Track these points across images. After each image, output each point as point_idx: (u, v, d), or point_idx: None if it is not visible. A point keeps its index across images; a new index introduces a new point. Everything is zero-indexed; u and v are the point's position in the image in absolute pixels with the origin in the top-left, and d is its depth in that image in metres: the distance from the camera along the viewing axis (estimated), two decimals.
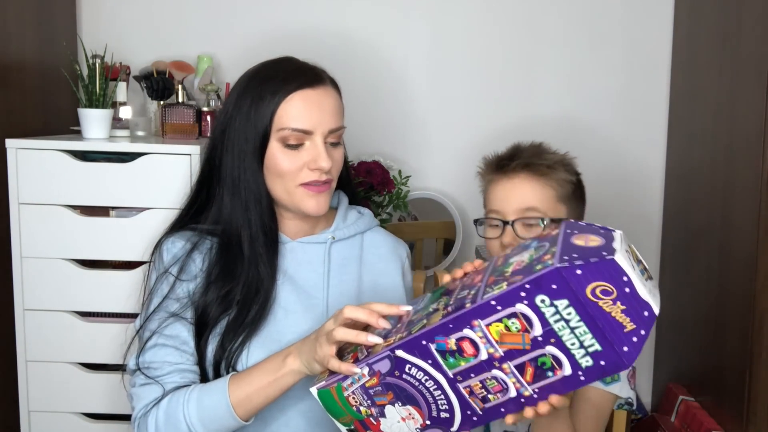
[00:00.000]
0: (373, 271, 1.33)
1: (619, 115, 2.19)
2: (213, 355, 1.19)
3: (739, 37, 1.69)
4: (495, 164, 1.31)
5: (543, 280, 0.80)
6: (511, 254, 0.94)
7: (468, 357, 0.88)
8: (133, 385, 1.20)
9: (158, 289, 1.22)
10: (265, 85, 1.21)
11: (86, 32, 2.12)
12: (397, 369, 0.93)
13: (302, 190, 1.21)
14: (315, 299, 1.26)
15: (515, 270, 0.86)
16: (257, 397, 1.11)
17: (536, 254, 0.86)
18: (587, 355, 0.83)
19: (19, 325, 1.58)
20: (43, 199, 1.55)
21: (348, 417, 0.99)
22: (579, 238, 0.86)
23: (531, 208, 1.24)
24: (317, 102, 1.20)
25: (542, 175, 1.26)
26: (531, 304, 0.82)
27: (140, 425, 1.17)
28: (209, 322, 1.19)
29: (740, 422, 1.61)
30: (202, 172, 1.29)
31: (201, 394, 1.13)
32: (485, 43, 2.18)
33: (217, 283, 1.20)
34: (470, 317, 0.85)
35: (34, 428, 1.61)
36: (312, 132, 1.19)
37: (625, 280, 0.79)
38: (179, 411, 1.13)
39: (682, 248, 2.05)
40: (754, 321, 1.56)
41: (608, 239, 0.85)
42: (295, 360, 1.09)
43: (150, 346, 1.19)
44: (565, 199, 1.27)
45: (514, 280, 0.83)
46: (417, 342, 0.90)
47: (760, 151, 1.54)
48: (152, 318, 1.20)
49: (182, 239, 1.24)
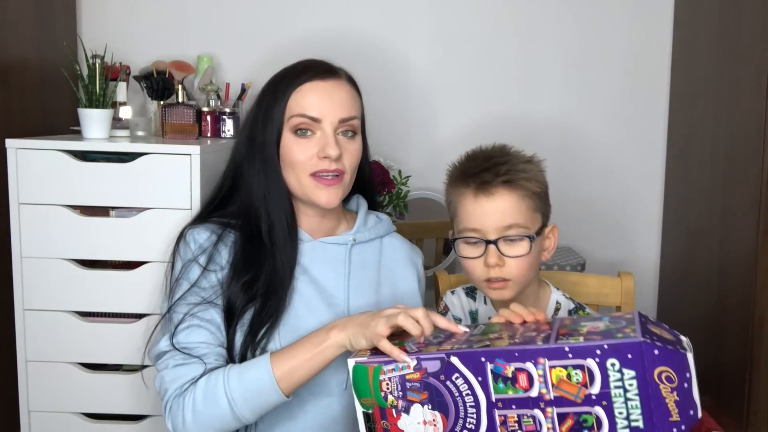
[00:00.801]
0: (392, 276, 1.37)
1: (619, 115, 2.19)
2: (241, 343, 1.20)
3: (739, 37, 1.69)
4: (468, 177, 1.22)
5: (623, 346, 0.86)
6: (578, 319, 1.00)
7: (518, 389, 0.91)
8: (165, 367, 1.19)
9: (186, 276, 1.24)
10: (281, 81, 1.27)
11: (86, 32, 2.12)
12: (444, 373, 0.95)
13: (312, 182, 1.24)
14: (335, 298, 1.28)
15: (591, 331, 0.92)
16: (300, 370, 1.13)
17: (613, 326, 0.92)
18: (628, 427, 0.87)
19: (19, 325, 1.58)
20: (43, 199, 1.55)
21: (372, 400, 1.00)
22: (654, 327, 0.92)
23: (512, 225, 1.19)
24: (327, 92, 1.24)
25: (521, 188, 1.20)
26: (601, 364, 0.87)
27: (174, 407, 1.15)
28: (236, 312, 1.21)
29: (740, 422, 1.61)
30: (227, 168, 1.34)
31: (242, 370, 1.14)
32: (485, 43, 2.18)
33: (241, 273, 1.23)
34: (538, 354, 0.89)
35: (34, 428, 1.61)
36: (320, 120, 1.23)
37: (687, 376, 0.86)
38: (219, 387, 1.12)
39: (682, 248, 2.05)
40: (754, 321, 1.57)
41: (677, 338, 0.91)
42: (339, 333, 1.11)
43: (184, 328, 1.19)
44: (539, 206, 1.23)
45: (592, 338, 0.89)
46: (476, 357, 0.93)
47: (760, 151, 1.54)
48: (181, 303, 1.21)
49: (207, 231, 1.27)
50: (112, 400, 1.61)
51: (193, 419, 1.13)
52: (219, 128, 1.89)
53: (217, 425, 1.13)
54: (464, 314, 1.35)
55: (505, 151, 1.26)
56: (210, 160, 1.59)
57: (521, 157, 1.24)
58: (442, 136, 2.21)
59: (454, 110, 2.20)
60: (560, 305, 1.30)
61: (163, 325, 1.24)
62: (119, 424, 1.63)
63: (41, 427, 1.61)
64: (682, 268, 2.04)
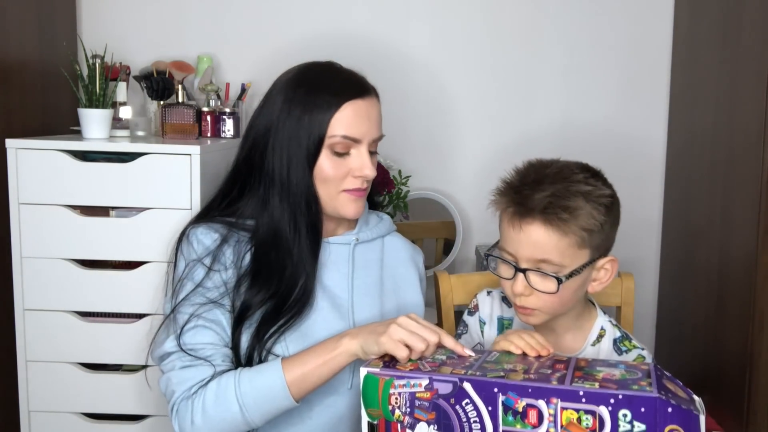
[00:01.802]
0: (394, 275, 1.37)
1: (620, 115, 2.19)
2: (247, 344, 1.20)
3: (739, 37, 1.69)
4: (512, 195, 1.13)
5: (637, 399, 0.86)
6: (594, 361, 0.99)
7: (527, 424, 0.91)
8: (172, 369, 1.18)
9: (191, 276, 1.22)
10: (319, 94, 1.23)
11: (86, 32, 2.12)
12: (455, 397, 0.94)
13: (345, 195, 1.25)
14: (339, 298, 1.28)
15: (607, 378, 0.92)
16: (312, 377, 1.13)
17: (629, 376, 0.92)
18: None
19: (19, 325, 1.58)
20: (43, 199, 1.55)
21: (379, 411, 0.99)
22: (668, 383, 0.92)
23: (545, 261, 1.09)
24: (366, 112, 1.24)
25: (562, 222, 1.07)
26: (613, 413, 0.87)
27: (182, 409, 1.14)
28: (248, 315, 1.21)
29: (740, 422, 1.61)
30: (237, 169, 1.30)
31: (253, 375, 1.14)
32: (485, 43, 2.18)
33: (264, 284, 1.22)
34: (552, 393, 0.89)
35: (34, 428, 1.61)
36: (360, 141, 1.23)
37: None
38: (230, 391, 1.12)
39: (682, 248, 2.05)
40: (754, 321, 1.56)
41: (690, 397, 0.91)
42: (351, 341, 1.11)
43: (189, 328, 1.19)
44: (588, 242, 1.10)
45: (608, 386, 0.89)
46: (489, 386, 0.93)
47: (760, 151, 1.54)
48: (186, 303, 1.20)
49: (212, 231, 1.25)
50: (112, 400, 1.61)
51: (203, 422, 1.13)
52: (219, 128, 1.89)
53: (226, 428, 1.14)
54: (491, 319, 1.31)
55: (563, 174, 1.12)
56: (210, 160, 1.59)
57: (577, 187, 1.10)
58: (442, 136, 2.21)
59: (454, 110, 2.20)
60: (604, 332, 1.22)
61: (167, 325, 1.23)
62: (119, 424, 1.63)
63: (41, 427, 1.61)
64: (682, 268, 2.03)
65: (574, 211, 1.08)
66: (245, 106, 2.02)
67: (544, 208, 1.08)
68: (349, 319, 1.27)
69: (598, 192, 1.11)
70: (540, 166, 1.15)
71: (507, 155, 1.95)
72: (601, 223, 1.10)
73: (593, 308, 1.26)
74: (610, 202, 1.12)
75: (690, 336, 1.95)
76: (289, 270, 1.23)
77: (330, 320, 1.25)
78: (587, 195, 1.10)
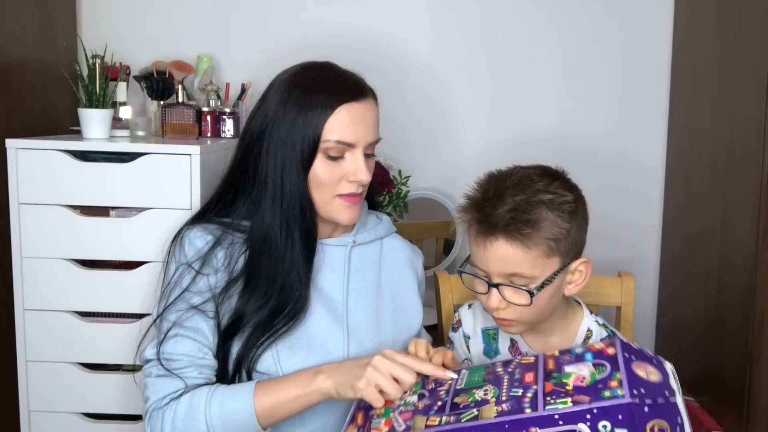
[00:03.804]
0: (392, 278, 1.35)
1: (620, 116, 2.19)
2: (237, 352, 1.19)
3: (739, 38, 1.69)
4: (473, 212, 1.12)
5: (612, 409, 0.85)
6: (561, 358, 0.96)
7: None
8: (149, 375, 1.19)
9: (179, 281, 1.22)
10: (313, 96, 1.20)
11: (86, 32, 2.12)
12: None
13: (339, 201, 1.23)
14: (334, 302, 1.27)
15: (578, 386, 0.89)
16: (281, 409, 1.12)
17: (599, 375, 0.90)
18: None
19: (19, 325, 1.58)
20: (43, 199, 1.55)
21: None
22: (639, 367, 0.90)
23: (516, 274, 1.09)
24: (362, 115, 1.21)
25: (524, 237, 1.06)
26: (593, 426, 0.85)
27: (153, 417, 1.15)
28: (241, 324, 1.19)
29: (740, 422, 1.61)
30: (233, 170, 1.28)
31: (225, 397, 1.13)
32: (485, 44, 2.18)
33: (257, 291, 1.20)
34: (529, 424, 0.87)
35: (34, 428, 1.61)
36: (355, 145, 1.21)
37: (679, 421, 0.86)
38: (200, 410, 1.12)
39: (682, 248, 2.05)
40: (754, 321, 1.56)
41: (663, 373, 0.90)
42: (326, 380, 1.10)
43: (170, 337, 1.19)
44: (557, 250, 1.09)
45: (580, 400, 0.87)
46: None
47: (760, 151, 1.54)
48: (171, 309, 1.20)
49: (205, 233, 1.24)
50: (112, 400, 1.61)
51: None
52: (219, 128, 1.89)
53: None
54: (475, 332, 1.30)
55: (522, 185, 1.10)
56: (210, 160, 1.59)
57: (538, 197, 1.08)
58: (443, 136, 2.21)
59: (454, 110, 2.20)
60: (591, 333, 1.20)
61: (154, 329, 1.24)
62: (119, 424, 1.63)
63: (41, 427, 1.61)
64: (682, 268, 2.03)
65: (536, 224, 1.07)
66: (245, 106, 2.02)
67: (505, 225, 1.07)
68: (343, 322, 1.25)
69: (560, 199, 1.09)
70: (500, 177, 1.14)
71: (507, 155, 1.94)
72: (567, 229, 1.09)
73: (579, 308, 1.24)
74: (572, 207, 1.11)
75: (690, 336, 1.95)
76: (281, 278, 1.20)
77: (324, 324, 1.23)
78: (549, 204, 1.08)
